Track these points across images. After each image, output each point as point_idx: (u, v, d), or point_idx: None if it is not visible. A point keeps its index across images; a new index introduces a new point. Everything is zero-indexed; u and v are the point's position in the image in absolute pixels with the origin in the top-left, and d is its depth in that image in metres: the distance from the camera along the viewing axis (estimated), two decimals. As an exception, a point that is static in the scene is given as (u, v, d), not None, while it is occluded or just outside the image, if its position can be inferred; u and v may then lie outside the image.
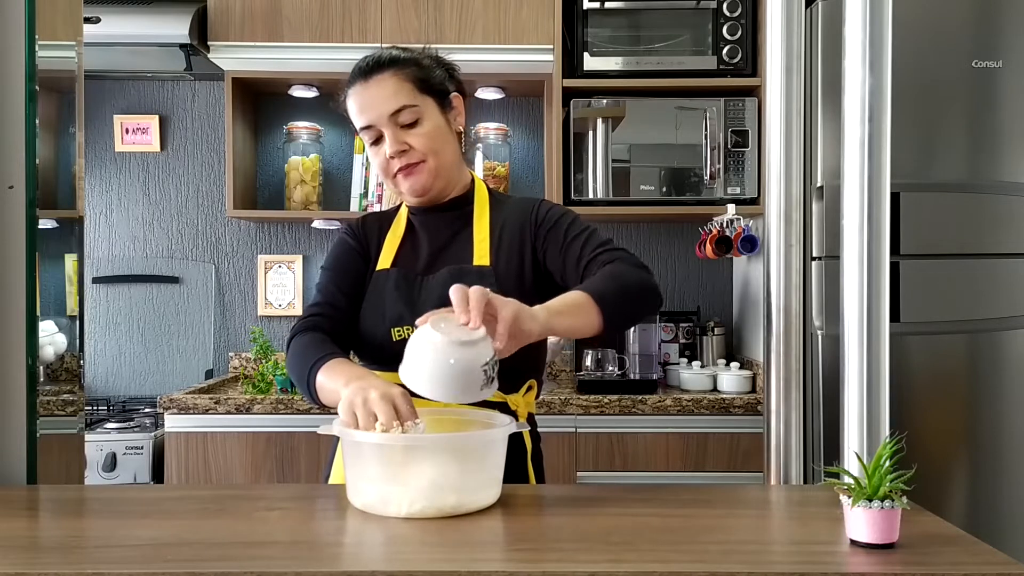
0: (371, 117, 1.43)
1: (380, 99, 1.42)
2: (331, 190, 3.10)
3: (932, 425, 2.15)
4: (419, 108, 1.43)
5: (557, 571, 0.89)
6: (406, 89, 1.43)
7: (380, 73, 1.43)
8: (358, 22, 2.71)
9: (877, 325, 1.28)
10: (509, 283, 1.44)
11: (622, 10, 2.73)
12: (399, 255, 1.50)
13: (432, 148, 1.44)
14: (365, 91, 1.43)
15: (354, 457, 1.12)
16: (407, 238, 1.52)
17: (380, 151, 1.45)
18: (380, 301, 1.45)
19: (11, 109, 1.34)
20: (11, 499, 1.22)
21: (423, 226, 1.52)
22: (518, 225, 1.49)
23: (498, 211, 1.52)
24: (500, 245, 1.48)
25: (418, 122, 1.43)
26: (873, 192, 1.28)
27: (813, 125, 2.19)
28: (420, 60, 1.47)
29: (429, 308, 1.40)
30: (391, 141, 1.42)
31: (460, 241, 1.49)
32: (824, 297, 2.18)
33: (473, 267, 1.45)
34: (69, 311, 1.50)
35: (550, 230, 1.46)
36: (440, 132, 1.46)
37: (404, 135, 1.43)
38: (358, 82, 1.45)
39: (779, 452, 1.51)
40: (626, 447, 2.48)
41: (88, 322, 3.08)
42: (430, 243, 1.50)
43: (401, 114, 1.42)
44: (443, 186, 1.49)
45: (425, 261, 1.48)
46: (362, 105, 1.44)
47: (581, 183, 2.70)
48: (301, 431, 2.46)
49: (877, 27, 1.28)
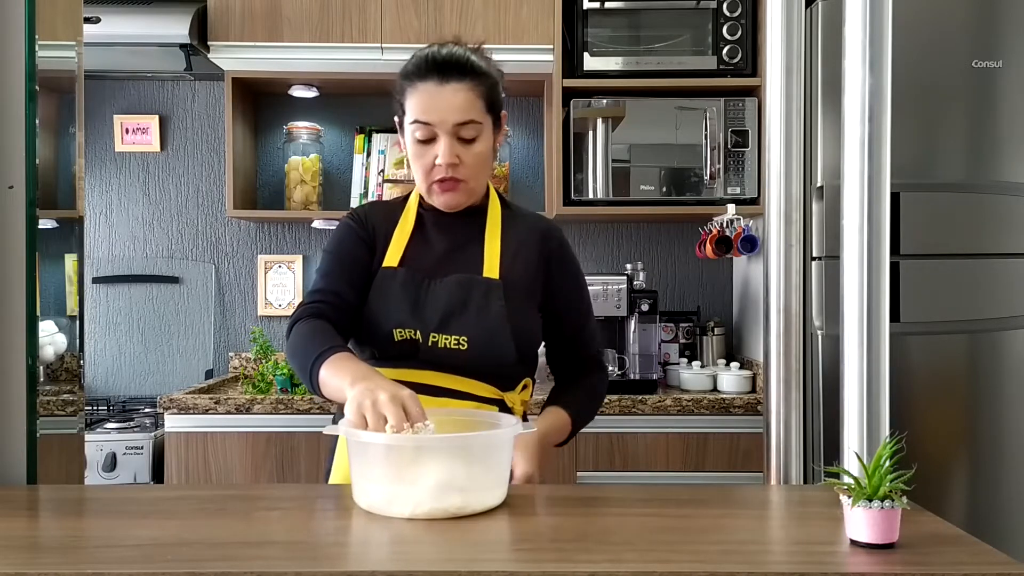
0: (435, 120, 1.40)
1: (451, 107, 1.40)
2: (331, 190, 3.10)
3: (932, 425, 2.15)
4: (481, 126, 1.43)
5: (557, 571, 0.89)
6: (477, 105, 1.42)
7: (459, 81, 1.40)
8: (358, 22, 2.71)
9: (877, 325, 1.28)
10: (517, 297, 1.46)
11: (622, 10, 2.73)
12: (407, 253, 1.48)
13: (478, 169, 1.44)
14: (438, 93, 1.40)
15: (360, 458, 1.12)
16: (416, 235, 1.50)
17: (429, 152, 1.42)
18: (385, 301, 1.44)
19: (11, 109, 1.34)
20: (11, 499, 1.22)
21: (435, 226, 1.51)
22: (536, 250, 1.51)
23: (511, 225, 1.52)
24: (514, 261, 1.48)
25: (476, 140, 1.42)
26: (873, 192, 1.28)
27: (813, 125, 2.19)
28: (492, 75, 1.46)
29: (434, 313, 1.42)
30: (446, 151, 1.40)
31: (471, 248, 1.49)
32: (824, 297, 2.18)
33: (482, 278, 1.45)
34: (69, 311, 1.50)
35: (569, 297, 1.55)
36: (488, 154, 1.46)
37: (460, 148, 1.41)
38: (431, 80, 1.41)
39: (779, 452, 1.51)
40: (626, 447, 2.48)
41: (88, 322, 3.08)
42: (441, 245, 1.49)
43: (465, 128, 1.41)
44: (471, 201, 1.50)
45: (434, 264, 1.47)
46: (429, 105, 1.40)
47: (581, 183, 2.70)
48: (301, 431, 2.46)
49: (877, 27, 1.28)
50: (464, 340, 1.41)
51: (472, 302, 1.42)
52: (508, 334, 1.42)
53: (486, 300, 1.42)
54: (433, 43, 1.46)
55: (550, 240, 1.53)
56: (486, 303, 1.42)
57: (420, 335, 1.42)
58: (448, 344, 1.41)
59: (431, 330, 1.41)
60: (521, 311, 1.46)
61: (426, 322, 1.42)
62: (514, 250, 1.49)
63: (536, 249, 1.51)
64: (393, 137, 3.00)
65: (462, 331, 1.41)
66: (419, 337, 1.42)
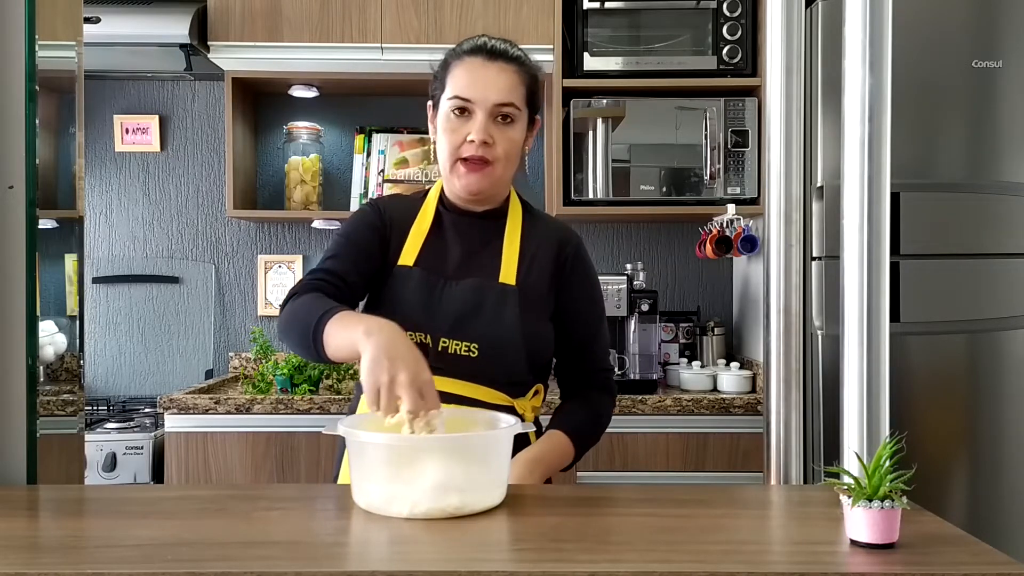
0: (475, 95, 1.39)
1: (495, 85, 1.40)
2: (331, 190, 3.10)
3: (932, 425, 2.15)
4: (520, 113, 1.42)
5: (557, 571, 0.89)
6: (520, 91, 1.42)
7: (506, 62, 1.42)
8: (358, 22, 2.71)
9: (877, 325, 1.28)
10: (531, 305, 1.45)
11: (622, 10, 2.73)
12: (423, 253, 1.46)
13: (507, 155, 1.43)
14: (483, 69, 1.40)
15: (358, 457, 1.12)
16: (433, 235, 1.48)
17: (462, 128, 1.40)
18: (397, 301, 1.42)
19: (11, 109, 1.34)
20: (11, 499, 1.22)
21: (454, 227, 1.49)
22: (552, 257, 1.49)
23: (531, 230, 1.50)
24: (530, 268, 1.47)
25: (512, 124, 1.42)
26: (873, 192, 1.28)
27: (813, 125, 2.19)
28: (535, 71, 1.47)
29: (446, 317, 1.40)
30: (480, 128, 1.39)
31: (489, 252, 1.47)
32: (824, 297, 2.18)
33: (498, 283, 1.43)
34: (69, 311, 1.50)
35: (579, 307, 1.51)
36: (518, 144, 1.45)
37: (494, 129, 1.40)
38: (479, 57, 1.41)
39: (779, 452, 1.51)
40: (626, 447, 2.48)
41: (88, 322, 3.08)
42: (459, 247, 1.47)
43: (504, 108, 1.40)
44: (493, 194, 1.48)
45: (450, 266, 1.45)
46: (473, 80, 1.40)
47: (581, 183, 2.70)
48: (301, 431, 2.46)
49: (877, 27, 1.28)
50: (474, 347, 1.40)
51: (486, 309, 1.41)
52: (520, 344, 1.41)
53: (500, 308, 1.41)
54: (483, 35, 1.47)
55: (566, 247, 1.51)
56: (500, 311, 1.41)
57: (430, 339, 1.40)
58: (458, 350, 1.40)
59: (442, 335, 1.40)
60: (534, 320, 1.45)
61: (437, 326, 1.40)
62: (531, 256, 1.48)
63: (552, 256, 1.49)
64: (393, 137, 3.00)
65: (473, 338, 1.40)
66: (429, 341, 1.40)
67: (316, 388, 2.57)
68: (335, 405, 2.45)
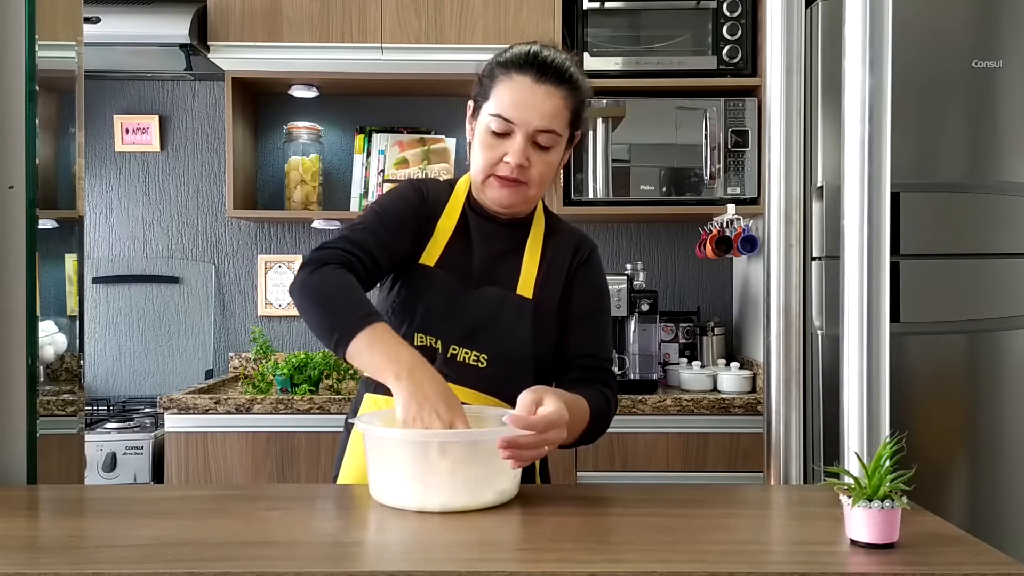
0: (519, 117, 1.36)
1: (539, 110, 1.36)
2: (331, 190, 3.10)
3: (932, 425, 2.15)
4: (560, 138, 1.40)
5: (557, 571, 0.89)
6: (564, 116, 1.39)
7: (555, 85, 1.37)
8: (358, 22, 2.71)
9: (877, 325, 1.28)
10: (544, 319, 1.45)
11: (622, 10, 2.73)
12: (446, 254, 1.44)
13: (542, 177, 1.41)
14: (532, 91, 1.36)
15: (376, 454, 1.16)
16: (457, 236, 1.46)
17: (499, 146, 1.38)
18: (414, 300, 1.41)
19: (11, 109, 1.34)
20: (11, 499, 1.22)
21: (479, 230, 1.47)
22: (565, 265, 1.49)
23: (551, 240, 1.50)
24: (546, 280, 1.46)
25: (550, 149, 1.40)
26: (873, 192, 1.28)
27: (813, 125, 2.19)
28: (585, 91, 1.43)
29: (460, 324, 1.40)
30: (518, 152, 1.36)
31: (510, 262, 1.46)
32: (824, 297, 2.18)
33: (516, 296, 1.43)
34: (69, 311, 1.50)
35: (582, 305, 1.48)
36: (555, 168, 1.43)
37: (531, 152, 1.38)
38: (530, 75, 1.37)
39: (779, 452, 1.51)
40: (626, 447, 2.48)
41: (88, 322, 3.08)
42: (481, 252, 1.46)
43: (544, 135, 1.38)
44: (523, 209, 1.47)
45: (471, 271, 1.44)
46: (520, 101, 1.36)
47: (581, 183, 2.70)
48: (301, 431, 2.46)
49: (877, 27, 1.28)
50: (484, 358, 1.39)
51: (501, 320, 1.41)
52: (529, 359, 1.41)
53: (515, 322, 1.41)
54: (535, 41, 1.43)
55: (579, 252, 1.51)
56: (514, 325, 1.41)
57: (440, 344, 1.39)
58: (467, 359, 1.40)
59: (453, 342, 1.39)
60: (546, 336, 1.45)
61: (451, 333, 1.40)
62: (547, 267, 1.47)
63: (565, 265, 1.49)
64: (393, 137, 3.01)
65: (484, 348, 1.39)
66: (439, 346, 1.39)
67: (316, 388, 2.57)
68: (335, 405, 2.45)
